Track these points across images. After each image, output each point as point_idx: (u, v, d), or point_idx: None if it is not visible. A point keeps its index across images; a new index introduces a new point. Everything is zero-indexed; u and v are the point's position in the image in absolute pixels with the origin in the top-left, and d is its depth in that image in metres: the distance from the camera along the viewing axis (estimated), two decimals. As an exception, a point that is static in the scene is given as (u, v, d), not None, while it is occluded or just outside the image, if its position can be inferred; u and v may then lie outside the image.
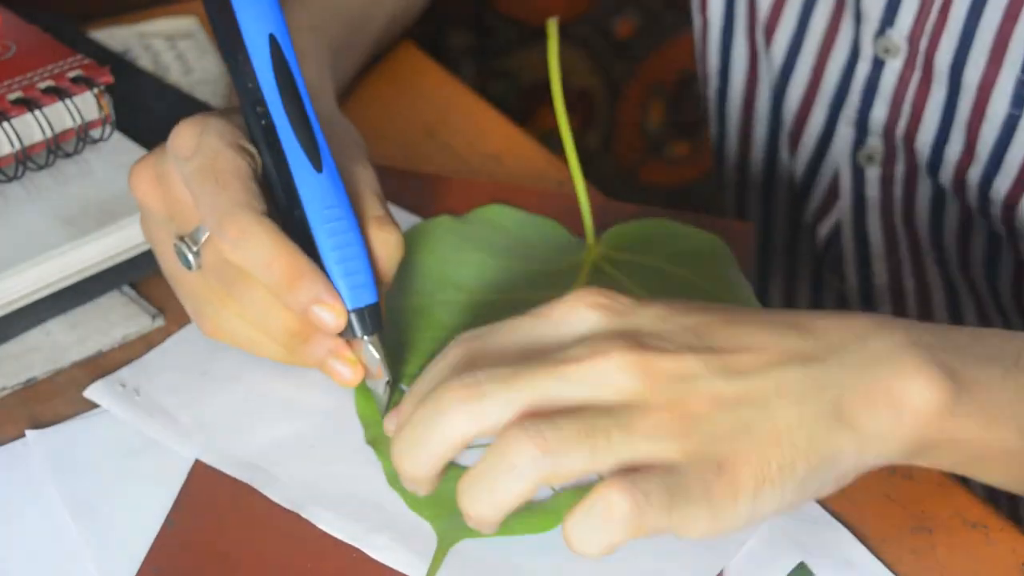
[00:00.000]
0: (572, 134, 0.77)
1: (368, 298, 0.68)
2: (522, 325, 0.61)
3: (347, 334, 0.68)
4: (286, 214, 0.68)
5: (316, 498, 0.66)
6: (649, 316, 0.60)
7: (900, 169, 0.93)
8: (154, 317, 0.75)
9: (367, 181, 0.70)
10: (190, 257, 0.68)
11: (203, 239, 0.68)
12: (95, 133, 0.79)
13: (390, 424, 0.67)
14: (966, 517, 0.68)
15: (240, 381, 0.72)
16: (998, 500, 0.93)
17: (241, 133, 0.68)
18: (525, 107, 1.40)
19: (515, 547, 0.64)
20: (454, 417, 0.58)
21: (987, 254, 0.93)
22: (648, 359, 0.58)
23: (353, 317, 0.67)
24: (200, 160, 0.67)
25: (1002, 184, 0.86)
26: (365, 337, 0.68)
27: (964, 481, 0.69)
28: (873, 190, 0.95)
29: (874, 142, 0.93)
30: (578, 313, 0.60)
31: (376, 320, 0.68)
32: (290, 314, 0.67)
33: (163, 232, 0.71)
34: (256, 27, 0.67)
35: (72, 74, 0.78)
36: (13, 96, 0.76)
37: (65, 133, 0.77)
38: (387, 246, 0.69)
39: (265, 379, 0.72)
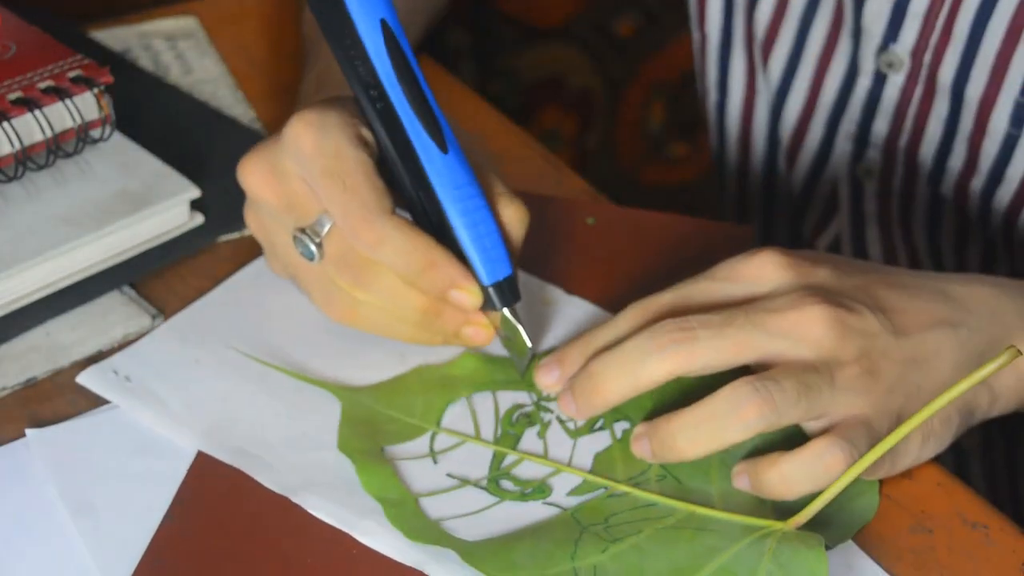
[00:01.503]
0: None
1: (504, 271, 0.70)
2: (710, 288, 0.67)
3: (486, 308, 0.70)
4: (409, 194, 0.69)
5: (306, 484, 0.67)
6: (825, 274, 0.67)
7: (898, 182, 0.93)
8: (154, 317, 0.75)
9: (482, 158, 0.72)
10: (313, 248, 0.69)
11: (325, 231, 0.69)
12: (95, 133, 0.79)
13: (550, 375, 0.69)
14: (966, 517, 0.68)
15: (232, 369, 0.72)
16: (998, 500, 0.93)
17: (358, 121, 0.69)
18: (525, 107, 1.40)
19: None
20: (667, 355, 0.64)
21: (983, 263, 0.94)
22: (840, 315, 0.65)
23: (492, 291, 0.70)
24: (323, 161, 0.68)
25: (1003, 196, 0.87)
26: (504, 309, 0.70)
27: (964, 481, 0.69)
28: (871, 203, 0.95)
29: (873, 155, 0.93)
30: (767, 271, 0.67)
31: (514, 291, 0.70)
32: (421, 296, 0.69)
33: (276, 224, 0.71)
34: (367, 13, 0.67)
35: (72, 74, 0.78)
36: (13, 96, 0.76)
37: (65, 133, 0.77)
38: (515, 220, 0.71)
39: (256, 367, 0.72)
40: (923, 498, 0.68)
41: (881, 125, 0.91)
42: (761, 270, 0.67)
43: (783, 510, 0.65)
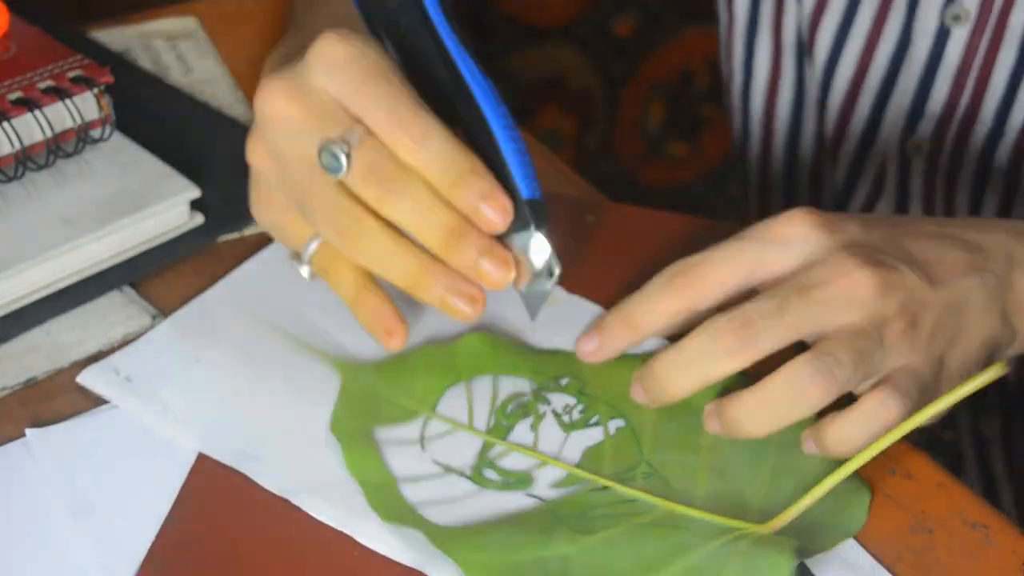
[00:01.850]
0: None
1: (539, 193, 0.69)
2: (746, 249, 0.68)
3: (516, 227, 0.68)
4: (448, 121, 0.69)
5: (306, 486, 0.67)
6: (855, 229, 0.68)
7: (945, 160, 0.92)
8: (154, 317, 0.75)
9: None
10: (342, 159, 0.67)
11: (355, 141, 0.67)
12: (95, 133, 0.79)
13: (589, 343, 0.70)
14: (966, 517, 0.68)
15: (232, 369, 0.72)
16: (998, 500, 0.93)
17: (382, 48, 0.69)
18: (525, 107, 1.40)
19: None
20: (734, 354, 0.65)
21: None
22: (882, 274, 0.66)
23: (527, 208, 0.68)
24: (364, 63, 0.67)
25: None
26: (536, 231, 0.69)
27: (981, 463, 0.69)
28: (917, 182, 0.94)
29: (924, 129, 0.92)
30: (800, 230, 0.68)
31: (545, 215, 0.69)
32: (449, 212, 0.67)
33: (294, 143, 0.68)
34: None
35: (72, 74, 0.78)
36: (13, 96, 0.76)
37: (65, 133, 0.77)
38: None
39: (257, 368, 0.72)
40: (923, 498, 0.68)
41: (940, 89, 0.90)
42: (794, 228, 0.68)
43: (767, 512, 0.65)
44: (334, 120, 0.67)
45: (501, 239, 0.68)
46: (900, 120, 0.93)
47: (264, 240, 0.80)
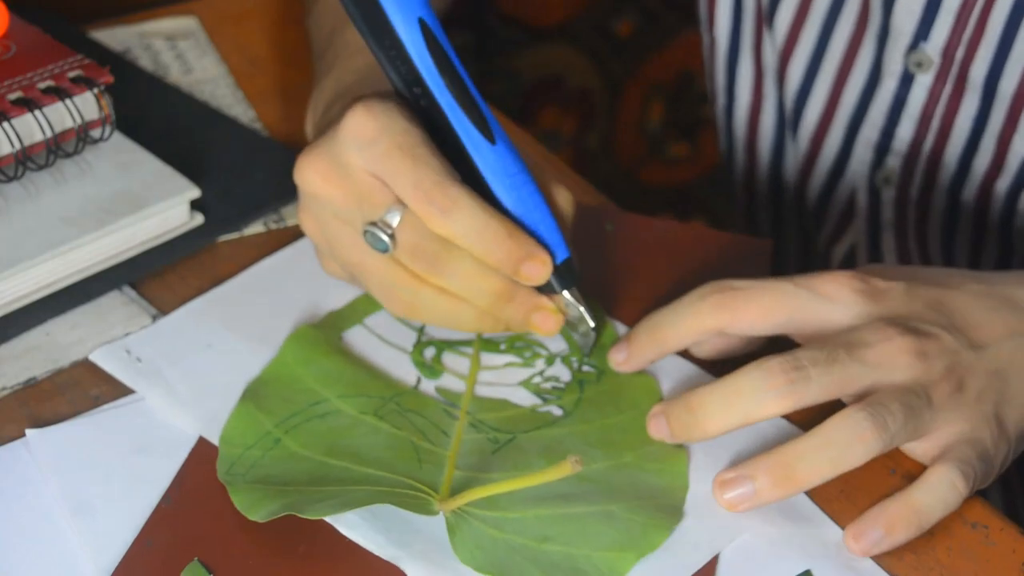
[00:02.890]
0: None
1: (562, 254, 0.71)
2: (792, 292, 0.70)
3: (546, 290, 0.71)
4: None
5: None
6: (898, 296, 0.70)
7: (915, 192, 0.92)
8: (154, 317, 0.75)
9: (525, 152, 0.72)
10: (386, 239, 0.69)
11: (396, 221, 0.68)
12: (95, 133, 0.79)
13: (619, 355, 0.73)
14: (966, 517, 0.68)
15: (240, 357, 0.73)
16: (998, 500, 0.93)
17: (408, 112, 0.70)
18: (525, 107, 1.40)
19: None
20: (781, 396, 0.66)
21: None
22: (922, 342, 0.67)
23: (553, 275, 0.70)
24: (389, 139, 0.68)
25: None
26: (564, 291, 0.71)
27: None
28: (888, 212, 0.94)
29: (893, 163, 0.92)
30: (844, 295, 0.69)
31: (572, 273, 0.71)
32: (496, 277, 0.70)
33: (339, 221, 0.71)
34: (405, 14, 0.67)
35: (72, 74, 0.78)
36: (13, 96, 0.76)
37: (65, 133, 0.77)
38: (566, 204, 0.72)
39: (264, 357, 0.73)
40: (923, 498, 0.68)
41: (905, 129, 0.91)
42: (841, 291, 0.69)
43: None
44: (373, 199, 0.69)
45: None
46: (869, 153, 0.93)
47: (265, 240, 0.80)
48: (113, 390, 0.72)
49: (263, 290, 0.77)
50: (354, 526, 0.65)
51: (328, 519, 0.65)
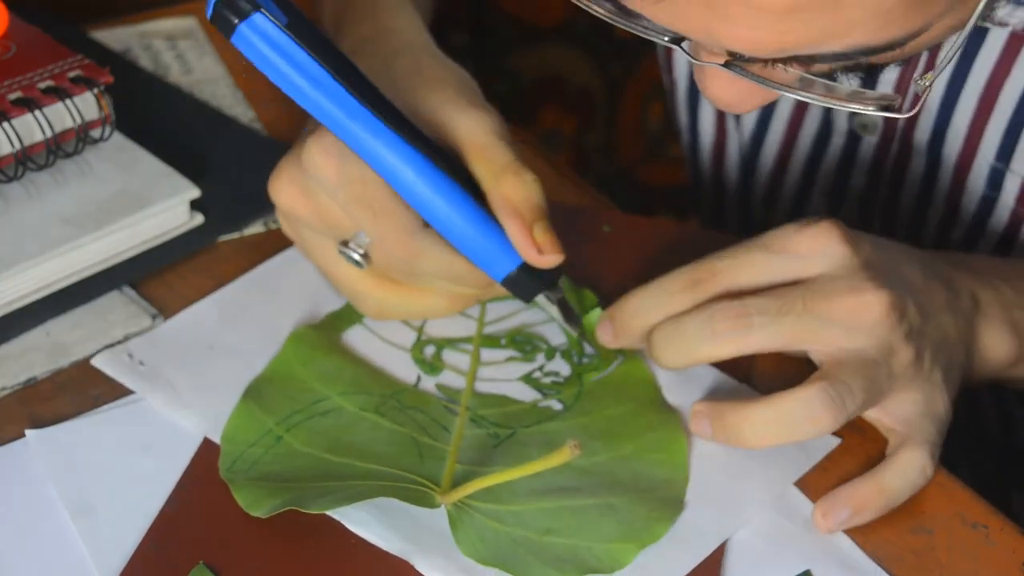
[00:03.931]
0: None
1: (509, 266, 0.69)
2: (767, 260, 0.69)
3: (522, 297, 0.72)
4: None
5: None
6: (869, 249, 0.69)
7: (876, 232, 0.92)
8: (154, 317, 0.75)
9: (488, 126, 0.71)
10: (359, 258, 0.70)
11: (367, 242, 0.70)
12: (95, 133, 0.79)
13: (605, 331, 0.72)
14: (966, 517, 0.68)
15: (243, 358, 0.73)
16: (998, 500, 0.93)
17: None
18: (525, 107, 1.40)
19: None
20: (722, 340, 0.67)
21: None
22: (892, 301, 0.67)
23: (509, 288, 0.70)
24: (349, 189, 0.68)
25: (984, 248, 0.86)
26: (539, 296, 0.71)
27: (964, 481, 0.69)
28: None
29: (850, 208, 0.92)
30: (827, 245, 0.68)
31: (537, 279, 0.70)
32: (471, 289, 0.72)
33: (313, 236, 0.72)
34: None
35: (72, 74, 0.78)
36: (13, 96, 0.76)
37: (65, 133, 0.77)
38: (524, 190, 0.69)
39: (266, 355, 0.73)
40: (923, 498, 0.68)
41: (858, 181, 0.90)
42: (818, 242, 0.69)
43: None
44: (341, 224, 0.70)
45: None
46: (825, 199, 0.93)
47: (265, 240, 0.80)
48: (113, 390, 0.72)
49: (264, 292, 0.77)
50: (362, 522, 0.65)
51: (336, 516, 0.65)
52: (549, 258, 0.69)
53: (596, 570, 0.63)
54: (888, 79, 0.83)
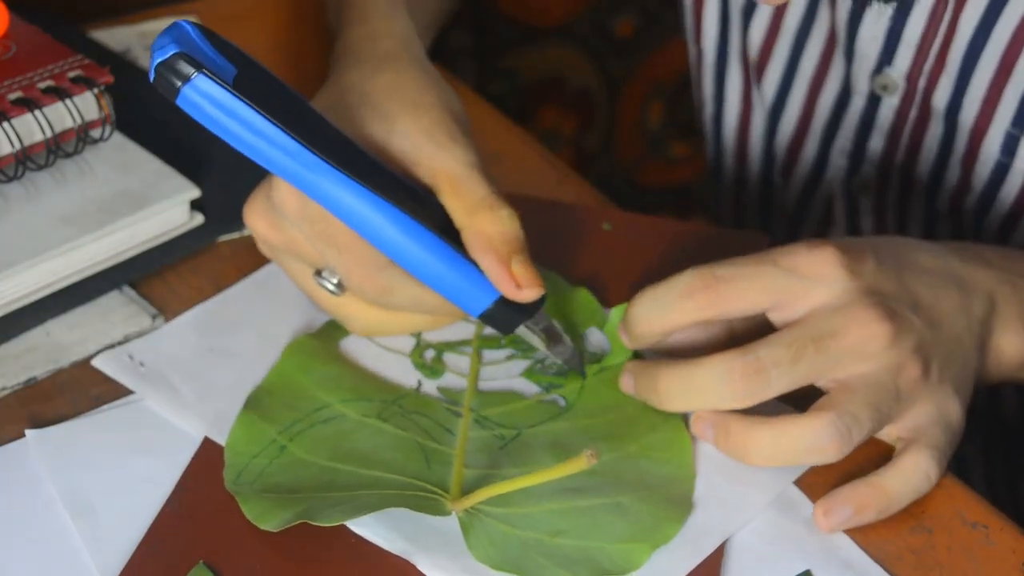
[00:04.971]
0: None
1: (485, 302, 0.69)
2: (775, 276, 0.69)
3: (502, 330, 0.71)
4: None
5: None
6: (872, 274, 0.69)
7: (894, 197, 0.93)
8: (154, 317, 0.75)
9: (463, 159, 0.70)
10: (332, 288, 0.71)
11: (339, 274, 0.70)
12: (95, 133, 0.79)
13: (623, 337, 0.71)
14: (966, 517, 0.68)
15: (244, 359, 0.73)
16: (998, 500, 0.93)
17: None
18: (525, 107, 1.40)
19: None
20: (737, 396, 0.67)
21: None
22: (896, 326, 0.68)
23: (487, 323, 0.70)
24: (311, 226, 0.68)
25: (995, 218, 0.87)
26: (514, 332, 0.71)
27: (964, 481, 0.69)
28: (867, 218, 0.95)
29: (868, 171, 0.92)
30: (830, 272, 0.68)
31: (514, 314, 0.69)
32: (446, 312, 0.72)
33: (288, 261, 0.73)
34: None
35: (72, 74, 0.78)
36: (13, 96, 0.76)
37: (65, 133, 0.77)
38: (499, 225, 0.68)
39: (268, 358, 0.73)
40: (923, 498, 0.68)
41: (876, 143, 0.91)
42: (823, 268, 0.69)
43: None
44: (312, 255, 0.70)
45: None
46: (844, 162, 0.94)
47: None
48: (113, 390, 0.72)
49: (264, 295, 0.77)
50: (364, 523, 0.65)
51: None
52: (528, 292, 0.68)
53: (609, 571, 0.63)
54: (911, 38, 0.84)
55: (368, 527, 0.65)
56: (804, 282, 0.69)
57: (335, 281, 0.71)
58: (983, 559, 0.66)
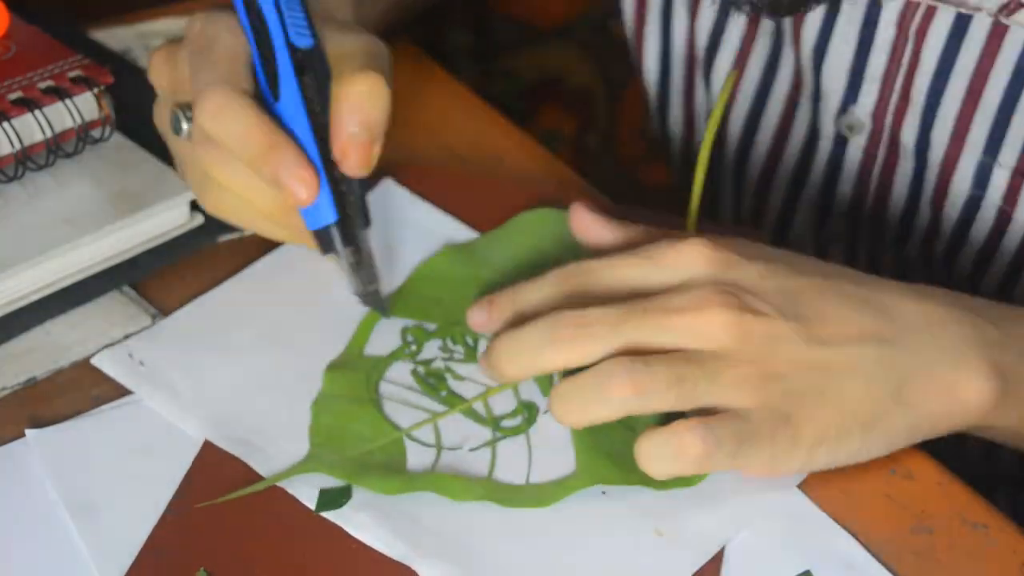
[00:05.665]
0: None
1: (326, 219, 0.70)
2: (634, 266, 0.68)
3: (325, 246, 0.71)
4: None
5: (303, 476, 0.67)
6: (752, 273, 0.66)
7: (864, 247, 0.91)
8: (154, 317, 0.75)
9: (365, 45, 0.71)
10: (184, 125, 0.70)
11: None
12: (95, 133, 0.79)
13: (479, 315, 0.71)
14: (966, 517, 0.68)
15: (244, 356, 0.73)
16: (998, 500, 0.93)
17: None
18: (525, 107, 1.40)
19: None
20: (561, 348, 0.65)
21: None
22: (744, 320, 0.64)
23: (316, 238, 0.71)
24: (200, 41, 0.70)
25: (965, 262, 0.85)
26: (334, 252, 0.71)
27: (964, 481, 0.69)
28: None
29: (838, 221, 0.91)
30: (685, 259, 0.67)
31: (340, 237, 0.70)
32: (269, 189, 0.70)
33: (162, 107, 0.73)
34: None
35: (72, 74, 0.78)
36: (13, 96, 0.76)
37: (65, 133, 0.77)
38: (369, 92, 0.69)
39: (268, 358, 0.73)
40: (923, 498, 0.68)
41: (844, 190, 0.89)
42: (683, 257, 0.67)
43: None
44: (184, 88, 0.71)
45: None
46: (812, 214, 0.92)
47: (265, 240, 0.80)
48: (113, 390, 0.72)
49: (263, 288, 0.77)
50: (364, 527, 0.65)
51: (338, 521, 0.65)
52: (350, 165, 0.69)
53: None
54: (875, 73, 0.83)
55: (368, 531, 0.65)
56: (664, 272, 0.67)
57: (188, 116, 0.70)
58: (983, 559, 0.66)
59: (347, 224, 0.71)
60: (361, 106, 0.69)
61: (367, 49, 0.71)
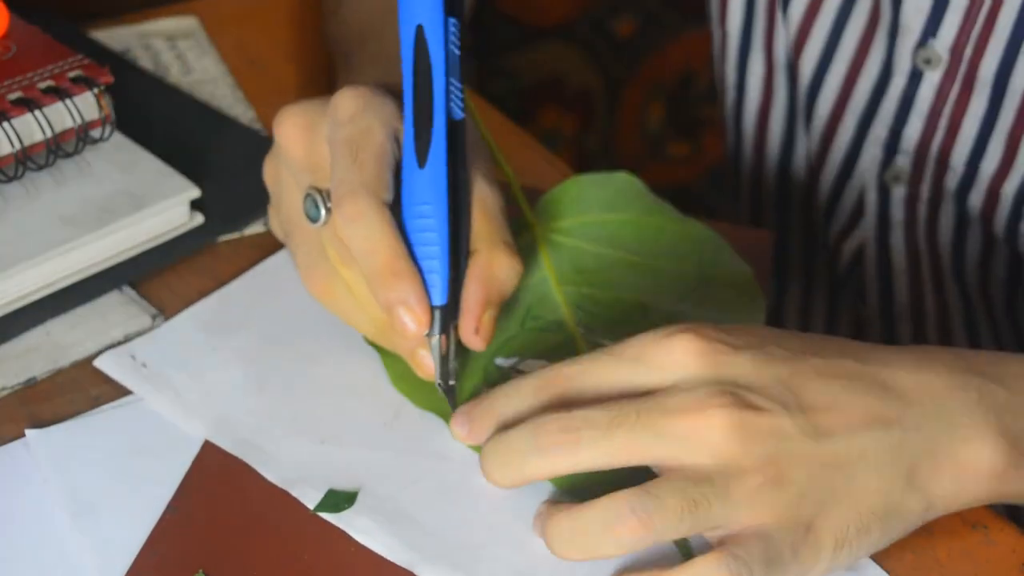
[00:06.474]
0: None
1: (435, 300, 0.68)
2: (617, 369, 0.63)
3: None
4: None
5: (305, 478, 0.67)
6: (746, 364, 0.62)
7: (926, 190, 0.92)
8: (154, 317, 0.76)
9: (494, 199, 0.70)
10: (321, 211, 0.68)
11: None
12: (95, 133, 0.79)
13: (461, 428, 0.67)
14: (966, 517, 0.68)
15: (246, 360, 0.73)
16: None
17: (393, 110, 0.69)
18: (525, 107, 1.40)
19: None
20: (549, 456, 0.61)
21: (1007, 280, 0.93)
22: (745, 419, 0.60)
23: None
24: (349, 130, 0.67)
25: None
26: (433, 337, 0.68)
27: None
28: (898, 210, 0.94)
29: (903, 161, 0.92)
30: (675, 358, 0.62)
31: (440, 323, 0.68)
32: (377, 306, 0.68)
33: (292, 180, 0.71)
34: (405, 19, 0.67)
35: (72, 74, 0.78)
36: (13, 96, 0.76)
37: (65, 133, 0.77)
38: (507, 271, 0.69)
39: (270, 360, 0.73)
40: (923, 498, 0.68)
41: (914, 128, 0.90)
42: (673, 356, 0.62)
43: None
44: (325, 170, 0.69)
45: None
46: (879, 151, 0.93)
47: (265, 240, 0.80)
48: (113, 390, 0.72)
49: (265, 290, 0.77)
50: (366, 531, 0.65)
51: (340, 525, 0.65)
52: (476, 341, 0.68)
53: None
54: (959, 4, 0.84)
55: (370, 535, 0.65)
56: (651, 372, 0.62)
57: (328, 205, 0.68)
58: (983, 559, 0.66)
59: (447, 313, 0.68)
60: (502, 290, 0.68)
61: (502, 206, 0.70)
